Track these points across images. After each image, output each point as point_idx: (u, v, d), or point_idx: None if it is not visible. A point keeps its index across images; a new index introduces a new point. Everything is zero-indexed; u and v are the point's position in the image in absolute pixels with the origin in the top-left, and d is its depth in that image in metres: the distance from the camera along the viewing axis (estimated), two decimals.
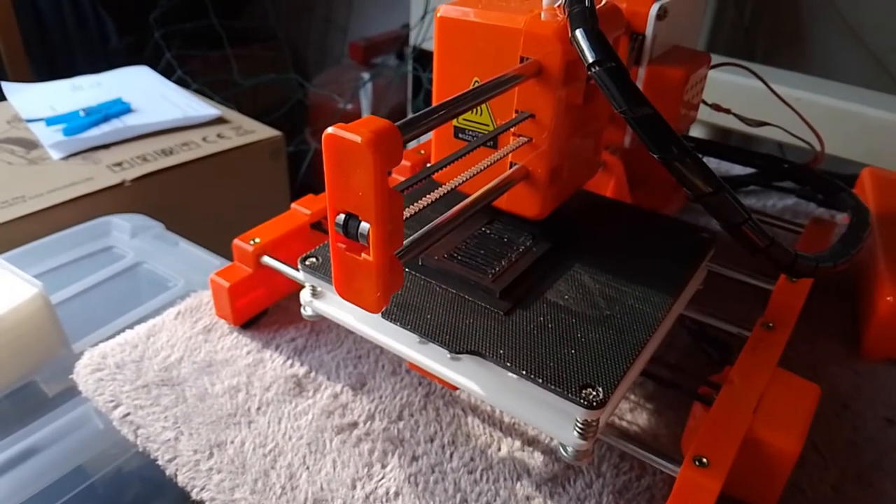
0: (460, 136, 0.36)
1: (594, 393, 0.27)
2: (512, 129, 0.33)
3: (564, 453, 0.29)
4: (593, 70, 0.27)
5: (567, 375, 0.28)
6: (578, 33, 0.28)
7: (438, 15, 0.33)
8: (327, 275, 0.34)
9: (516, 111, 0.33)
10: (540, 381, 0.28)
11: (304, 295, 0.37)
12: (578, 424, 0.28)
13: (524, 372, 0.29)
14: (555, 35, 0.30)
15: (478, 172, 0.30)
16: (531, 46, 0.31)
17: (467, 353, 0.30)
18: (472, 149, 0.31)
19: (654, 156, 0.28)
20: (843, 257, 0.34)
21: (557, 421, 0.29)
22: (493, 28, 0.32)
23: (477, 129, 0.36)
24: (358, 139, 0.22)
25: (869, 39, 1.01)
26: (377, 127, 0.23)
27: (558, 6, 0.31)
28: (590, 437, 0.28)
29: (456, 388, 0.33)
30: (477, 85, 0.28)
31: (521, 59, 0.31)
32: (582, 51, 0.28)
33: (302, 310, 0.37)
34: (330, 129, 0.23)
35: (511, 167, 0.34)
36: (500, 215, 0.38)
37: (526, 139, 0.33)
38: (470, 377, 0.31)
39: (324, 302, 0.36)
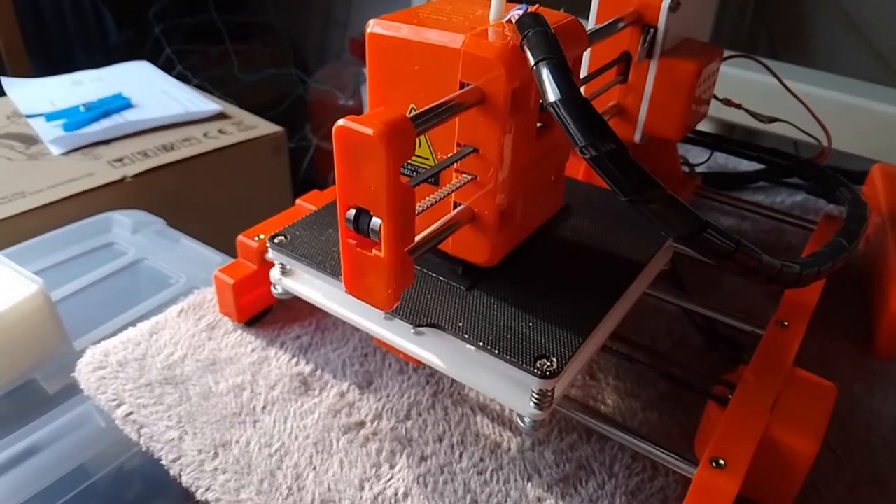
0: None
1: (548, 363, 0.28)
2: (454, 165, 0.29)
3: (522, 424, 0.30)
4: (553, 108, 0.24)
5: (523, 347, 0.29)
6: (544, 70, 0.24)
7: (368, 31, 0.29)
8: (295, 252, 0.35)
9: (458, 144, 0.29)
10: (496, 352, 0.28)
11: (274, 273, 0.37)
12: (534, 395, 0.29)
13: (481, 344, 0.29)
14: (498, 58, 0.26)
15: (418, 213, 0.26)
16: (472, 71, 0.27)
17: (428, 326, 0.30)
18: (414, 185, 0.26)
19: (623, 199, 0.24)
20: (830, 260, 0.33)
21: (515, 392, 0.30)
22: (429, 48, 0.27)
23: (417, 164, 0.31)
24: (370, 132, 0.22)
25: (872, 35, 1.00)
26: (390, 119, 0.22)
27: (507, 21, 0.28)
28: (545, 406, 0.29)
29: (420, 363, 0.33)
30: (413, 114, 0.24)
31: (461, 86, 0.27)
32: (544, 89, 0.24)
33: (272, 288, 0.38)
34: (341, 122, 0.22)
35: (455, 208, 0.30)
36: None
37: (470, 177, 0.29)
38: (433, 351, 0.32)
39: (293, 280, 0.37)
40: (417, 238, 0.27)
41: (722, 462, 0.27)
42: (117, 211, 0.61)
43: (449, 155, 0.29)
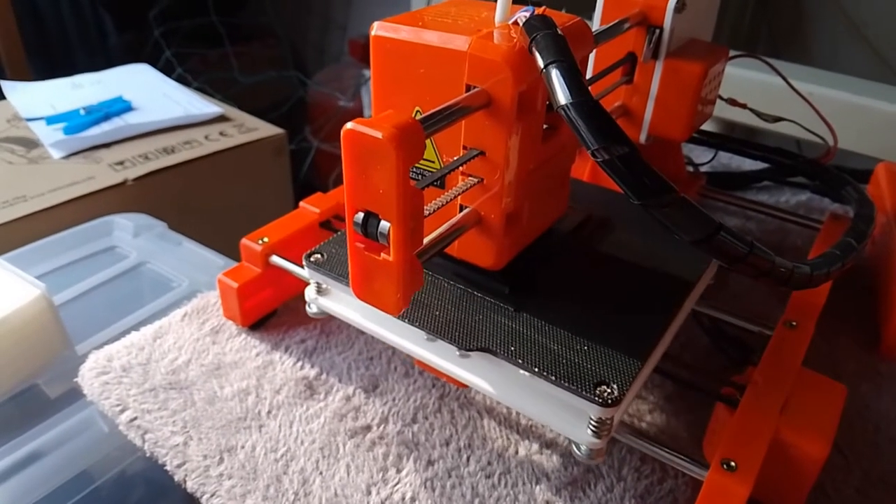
0: None
1: (609, 390, 0.27)
2: (461, 169, 0.29)
3: (578, 452, 0.29)
4: (564, 112, 0.23)
5: (581, 372, 0.28)
6: (554, 73, 0.23)
7: (372, 33, 0.29)
8: (333, 271, 0.34)
9: (464, 147, 0.28)
10: (553, 378, 0.27)
11: (310, 292, 0.36)
12: (592, 422, 0.28)
13: (536, 369, 0.28)
14: (505, 61, 0.25)
15: (425, 217, 0.25)
16: (478, 73, 0.26)
17: (477, 349, 0.29)
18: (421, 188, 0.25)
19: (636, 202, 0.24)
20: (840, 261, 0.32)
21: (571, 419, 0.29)
22: (434, 50, 0.27)
23: (423, 167, 0.31)
24: (380, 135, 0.21)
25: (871, 34, 1.00)
26: (399, 122, 0.22)
27: (513, 23, 0.27)
28: (604, 435, 0.28)
29: (466, 387, 0.32)
30: (419, 117, 0.23)
31: (467, 88, 0.27)
32: (555, 93, 0.23)
33: (307, 307, 0.37)
34: (350, 125, 0.22)
35: (461, 211, 0.30)
36: None
37: (476, 180, 0.29)
38: (480, 375, 0.31)
39: (329, 299, 0.36)
40: (424, 241, 0.27)
41: (733, 464, 0.27)
42: (118, 214, 0.61)
43: (455, 158, 0.28)
